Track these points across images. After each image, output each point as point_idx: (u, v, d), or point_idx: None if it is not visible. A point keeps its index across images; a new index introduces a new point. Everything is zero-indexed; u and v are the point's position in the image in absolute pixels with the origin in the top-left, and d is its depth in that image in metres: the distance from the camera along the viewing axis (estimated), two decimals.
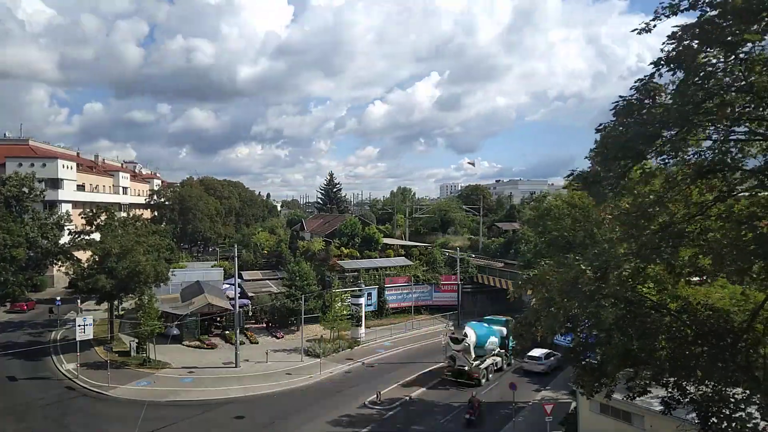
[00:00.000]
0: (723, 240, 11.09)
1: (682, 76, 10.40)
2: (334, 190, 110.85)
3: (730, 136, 10.85)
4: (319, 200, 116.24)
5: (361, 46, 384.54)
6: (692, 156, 10.94)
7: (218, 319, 46.55)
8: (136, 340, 38.80)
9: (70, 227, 51.62)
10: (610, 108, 11.22)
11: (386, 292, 54.65)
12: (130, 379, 34.20)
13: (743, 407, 12.79)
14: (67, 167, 70.61)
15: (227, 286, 51.20)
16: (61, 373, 35.69)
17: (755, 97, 10.14)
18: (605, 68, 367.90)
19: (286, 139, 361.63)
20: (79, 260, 44.18)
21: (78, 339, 33.89)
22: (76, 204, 68.63)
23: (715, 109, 10.06)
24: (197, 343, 42.92)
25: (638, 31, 10.48)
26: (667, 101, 10.66)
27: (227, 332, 44.55)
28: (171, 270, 46.46)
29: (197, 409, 29.71)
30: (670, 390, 15.01)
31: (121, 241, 40.88)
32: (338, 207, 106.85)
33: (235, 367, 37.14)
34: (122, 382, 33.43)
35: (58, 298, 51.09)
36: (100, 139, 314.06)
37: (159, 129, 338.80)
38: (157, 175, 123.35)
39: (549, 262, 20.18)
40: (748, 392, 12.94)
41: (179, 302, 46.50)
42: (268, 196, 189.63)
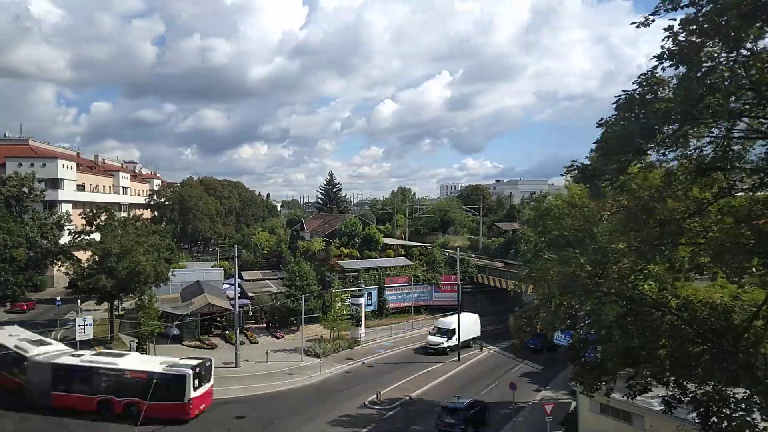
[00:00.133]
0: (722, 237, 11.06)
1: (685, 71, 10.37)
2: (334, 190, 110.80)
3: (732, 134, 10.82)
4: (319, 200, 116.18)
5: (378, 45, 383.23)
6: (693, 151, 10.92)
7: (218, 319, 46.51)
8: (136, 340, 38.75)
9: (70, 227, 51.67)
10: (613, 102, 11.22)
11: (386, 292, 54.68)
12: None
13: (744, 407, 12.73)
14: (67, 167, 70.50)
15: (227, 286, 51.16)
16: None
17: (756, 93, 10.12)
18: (614, 67, 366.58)
19: (292, 139, 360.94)
20: (79, 260, 44.18)
21: (78, 339, 33.90)
22: (76, 204, 68.53)
23: (717, 105, 10.04)
24: (197, 343, 42.87)
25: (637, 25, 10.49)
26: (669, 95, 10.64)
27: (227, 332, 44.54)
28: (171, 270, 46.50)
29: None
30: (671, 389, 14.96)
31: (121, 241, 40.88)
32: (338, 207, 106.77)
33: (235, 367, 37.13)
34: None
35: (58, 298, 51.02)
36: (107, 139, 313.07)
37: (166, 129, 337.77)
38: (157, 175, 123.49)
39: (551, 256, 20.13)
40: (748, 392, 12.88)
41: (179, 302, 46.44)
42: (268, 196, 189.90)
